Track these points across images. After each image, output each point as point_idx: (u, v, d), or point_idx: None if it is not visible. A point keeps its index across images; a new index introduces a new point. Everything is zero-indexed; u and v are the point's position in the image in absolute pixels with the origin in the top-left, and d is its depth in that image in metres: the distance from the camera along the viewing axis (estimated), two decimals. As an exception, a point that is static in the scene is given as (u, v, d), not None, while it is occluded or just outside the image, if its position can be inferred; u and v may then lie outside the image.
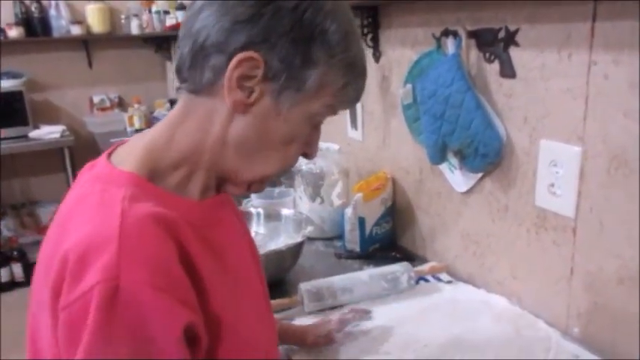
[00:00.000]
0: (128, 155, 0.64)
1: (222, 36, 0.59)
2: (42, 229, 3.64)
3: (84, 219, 0.57)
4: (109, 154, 0.66)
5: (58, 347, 0.54)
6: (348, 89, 0.65)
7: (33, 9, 3.53)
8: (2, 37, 3.43)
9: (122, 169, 0.62)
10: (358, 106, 1.58)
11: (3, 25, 3.44)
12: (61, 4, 3.56)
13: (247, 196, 1.72)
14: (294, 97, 0.61)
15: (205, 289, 0.59)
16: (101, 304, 0.50)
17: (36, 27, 3.54)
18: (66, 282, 0.53)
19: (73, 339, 0.51)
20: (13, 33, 3.44)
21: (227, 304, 0.62)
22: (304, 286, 1.15)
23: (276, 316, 1.09)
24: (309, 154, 0.70)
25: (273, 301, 1.13)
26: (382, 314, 1.12)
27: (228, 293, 0.63)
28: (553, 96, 0.99)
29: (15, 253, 3.39)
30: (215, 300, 0.60)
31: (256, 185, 0.69)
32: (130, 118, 3.45)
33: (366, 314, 1.08)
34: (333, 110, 0.67)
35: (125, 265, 0.52)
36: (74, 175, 3.53)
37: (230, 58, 0.59)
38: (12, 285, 3.35)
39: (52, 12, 3.56)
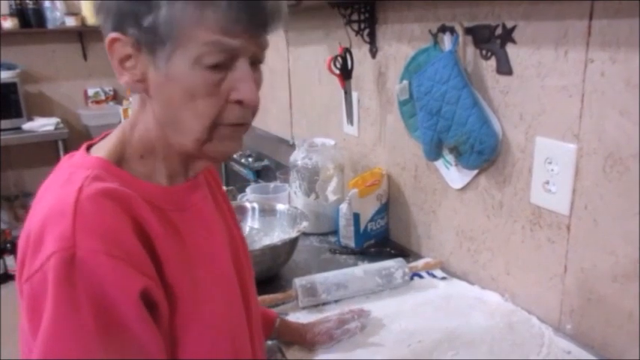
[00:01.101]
0: (103, 145, 0.68)
1: (103, 29, 0.63)
2: (36, 222, 3.63)
3: (48, 197, 0.60)
4: (90, 145, 0.69)
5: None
6: (215, 14, 0.59)
7: (28, 0, 3.50)
8: (-4, 28, 3.41)
9: (94, 155, 0.66)
10: (354, 101, 1.57)
11: (-3, 16, 3.42)
12: (56, -4, 3.55)
13: (243, 190, 1.72)
14: (164, 53, 0.61)
15: (160, 260, 0.62)
16: (59, 272, 0.53)
17: (30, 18, 3.53)
18: (28, 256, 0.56)
19: (36, 309, 0.54)
20: (8, 24, 3.42)
21: (184, 279, 0.64)
22: (299, 282, 1.15)
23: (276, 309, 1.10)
24: (242, 100, 0.64)
25: (267, 296, 1.15)
26: (376, 310, 1.12)
27: (187, 270, 0.65)
28: (549, 93, 0.99)
29: (8, 245, 3.38)
30: (170, 271, 0.62)
31: (201, 151, 0.66)
32: (125, 111, 3.44)
33: (364, 315, 1.08)
34: (219, 46, 0.60)
35: (80, 235, 0.54)
36: (67, 154, 3.52)
37: None
38: (5, 278, 3.34)
39: (47, 3, 3.54)
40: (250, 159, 2.28)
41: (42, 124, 3.41)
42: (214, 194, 0.80)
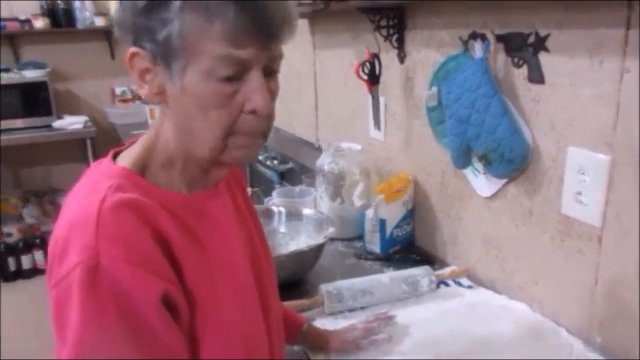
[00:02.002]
0: (129, 154, 0.71)
1: (124, 43, 0.65)
2: (63, 218, 3.71)
3: (74, 205, 0.64)
4: (117, 153, 0.72)
5: None
6: (224, 26, 0.60)
7: (58, 0, 3.58)
8: (27, 28, 3.49)
9: (119, 164, 0.69)
10: (381, 106, 1.57)
11: (29, 16, 3.49)
12: (86, -4, 3.61)
13: (269, 194, 1.73)
14: (177, 66, 0.62)
15: (180, 266, 0.64)
16: (84, 281, 0.56)
17: (61, 18, 3.60)
18: (55, 262, 0.60)
19: (61, 314, 0.58)
20: (39, 24, 3.49)
21: (202, 284, 0.66)
22: (325, 287, 1.16)
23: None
24: (256, 110, 0.64)
25: (294, 302, 1.15)
26: (402, 317, 1.12)
27: (205, 275, 0.67)
28: (582, 102, 0.98)
29: (37, 240, 3.46)
30: (189, 276, 0.65)
31: (216, 159, 0.68)
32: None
33: (390, 320, 1.08)
34: (229, 56, 0.61)
35: (102, 245, 0.58)
36: (95, 161, 3.59)
37: None
38: (33, 272, 3.43)
39: (77, 4, 3.61)
40: (275, 161, 2.30)
41: (71, 122, 3.48)
42: (236, 199, 0.81)
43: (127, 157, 0.70)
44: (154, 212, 0.64)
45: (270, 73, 0.66)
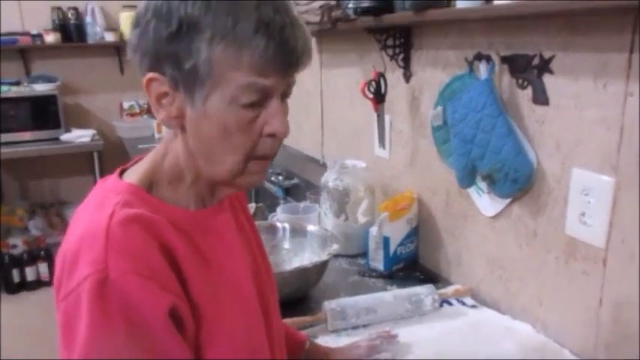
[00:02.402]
0: (135, 171, 0.72)
1: (139, 68, 0.66)
2: (68, 230, 3.72)
3: (83, 220, 0.65)
4: (123, 170, 0.73)
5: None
6: (252, 56, 0.62)
7: (70, 15, 3.63)
8: (39, 42, 3.54)
9: (125, 180, 0.70)
10: (387, 124, 1.58)
11: (40, 31, 3.54)
12: (97, 12, 3.66)
13: (273, 210, 1.73)
14: (201, 92, 0.64)
15: (186, 280, 0.65)
16: (93, 293, 0.57)
17: (72, 33, 3.65)
18: (64, 276, 0.61)
19: (70, 326, 0.58)
20: (50, 38, 3.54)
21: (207, 298, 0.67)
22: (329, 305, 1.16)
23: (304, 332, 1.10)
24: (275, 133, 0.67)
25: (296, 318, 1.15)
26: (405, 336, 1.12)
27: (210, 289, 0.68)
28: (587, 125, 0.98)
29: (42, 252, 3.46)
30: (195, 290, 0.66)
31: (235, 181, 0.70)
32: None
33: (393, 339, 1.08)
34: (255, 87, 0.63)
35: (111, 258, 0.59)
36: (102, 178, 3.62)
37: None
38: (37, 284, 3.43)
39: (88, 19, 3.66)
40: (280, 177, 2.31)
41: (79, 136, 3.50)
42: (238, 217, 0.83)
43: (134, 174, 0.71)
44: (162, 227, 0.65)
45: (284, 96, 0.69)
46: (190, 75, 0.63)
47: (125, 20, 3.72)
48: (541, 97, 1.07)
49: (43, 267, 3.43)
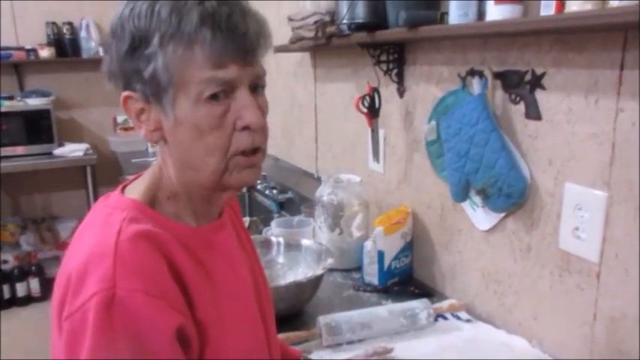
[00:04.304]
0: (137, 186, 0.72)
1: (116, 89, 0.68)
2: (61, 245, 3.69)
3: (88, 238, 0.64)
4: (125, 186, 0.73)
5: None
6: (197, 50, 0.63)
7: (64, 30, 3.64)
8: (33, 57, 3.54)
9: (128, 196, 0.70)
10: (381, 138, 1.59)
11: (35, 46, 3.55)
12: (92, 27, 3.67)
13: (267, 224, 1.73)
14: (168, 99, 0.65)
15: (192, 298, 0.65)
16: (100, 311, 0.57)
17: (67, 48, 3.66)
18: (69, 294, 0.60)
19: (75, 344, 0.57)
20: (45, 53, 3.55)
21: (212, 315, 0.67)
22: (323, 320, 1.15)
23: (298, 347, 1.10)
24: (248, 125, 0.66)
25: (291, 333, 1.15)
26: (401, 351, 1.11)
27: (215, 308, 0.68)
28: (579, 140, 0.99)
29: (33, 268, 3.43)
30: (200, 308, 0.65)
31: (223, 181, 0.69)
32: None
33: (389, 353, 1.07)
34: (213, 78, 0.64)
35: (120, 276, 0.58)
36: (95, 193, 3.62)
37: None
38: (28, 300, 3.39)
39: (83, 34, 3.67)
40: (274, 191, 2.31)
41: (72, 150, 3.49)
42: (238, 232, 0.83)
43: (136, 190, 0.71)
44: (169, 244, 0.65)
45: (256, 89, 0.69)
46: (153, 84, 0.64)
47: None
48: (534, 113, 1.08)
49: (34, 282, 3.39)
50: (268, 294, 0.86)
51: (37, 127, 3.44)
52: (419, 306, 1.23)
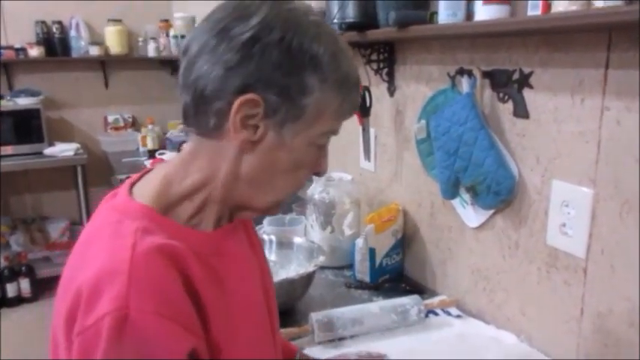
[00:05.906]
0: (146, 188, 0.69)
1: (219, 83, 0.62)
2: (51, 245, 3.67)
3: (99, 249, 0.62)
4: (132, 184, 0.70)
5: None
6: (344, 106, 0.68)
7: (54, 29, 3.62)
8: (23, 56, 3.52)
9: (138, 201, 0.66)
10: (372, 137, 1.61)
11: (24, 45, 3.52)
12: (82, 25, 3.65)
13: (260, 222, 1.74)
14: (295, 127, 0.65)
15: (207, 316, 0.64)
16: (112, 331, 0.55)
17: (56, 47, 3.63)
18: (80, 310, 0.57)
19: None
20: (34, 52, 3.52)
21: (224, 331, 0.66)
22: (315, 316, 1.16)
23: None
24: (319, 173, 0.73)
25: (283, 330, 1.15)
26: (391, 347, 1.13)
27: (227, 317, 0.67)
28: (566, 138, 1.01)
29: (23, 268, 3.40)
30: (214, 327, 0.64)
31: (271, 210, 0.73)
32: (144, 138, 3.50)
33: (382, 358, 1.08)
34: (334, 131, 0.69)
35: (133, 296, 0.56)
36: (85, 193, 3.61)
37: (230, 102, 0.62)
38: (18, 301, 3.36)
39: (73, 33, 3.65)
40: (266, 190, 2.31)
41: (62, 150, 3.47)
42: (248, 233, 0.82)
43: (146, 193, 0.67)
44: (183, 256, 0.63)
45: None
46: (294, 108, 0.64)
47: (110, 34, 3.72)
48: (522, 111, 1.10)
49: (24, 283, 3.37)
50: (274, 294, 0.86)
51: (27, 127, 3.41)
52: (410, 302, 1.24)
